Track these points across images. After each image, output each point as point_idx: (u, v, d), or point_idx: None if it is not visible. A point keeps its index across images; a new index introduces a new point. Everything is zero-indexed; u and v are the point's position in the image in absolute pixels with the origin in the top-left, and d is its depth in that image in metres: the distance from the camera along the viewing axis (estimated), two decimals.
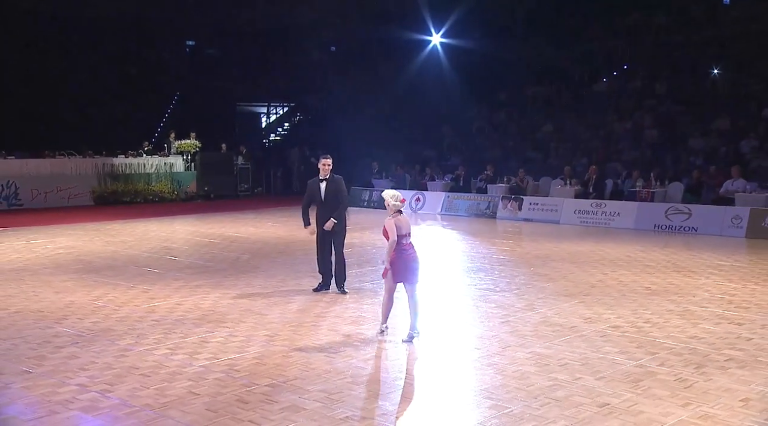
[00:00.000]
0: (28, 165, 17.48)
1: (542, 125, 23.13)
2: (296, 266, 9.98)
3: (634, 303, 7.91)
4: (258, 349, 5.93)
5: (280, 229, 14.24)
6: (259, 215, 16.93)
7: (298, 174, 24.53)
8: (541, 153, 21.52)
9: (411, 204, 18.37)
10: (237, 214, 16.99)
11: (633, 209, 14.72)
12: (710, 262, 10.42)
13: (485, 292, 8.54)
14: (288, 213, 17.54)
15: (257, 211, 17.94)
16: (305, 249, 11.61)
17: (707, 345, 6.28)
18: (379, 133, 25.79)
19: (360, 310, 7.44)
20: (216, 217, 16.54)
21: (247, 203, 19.76)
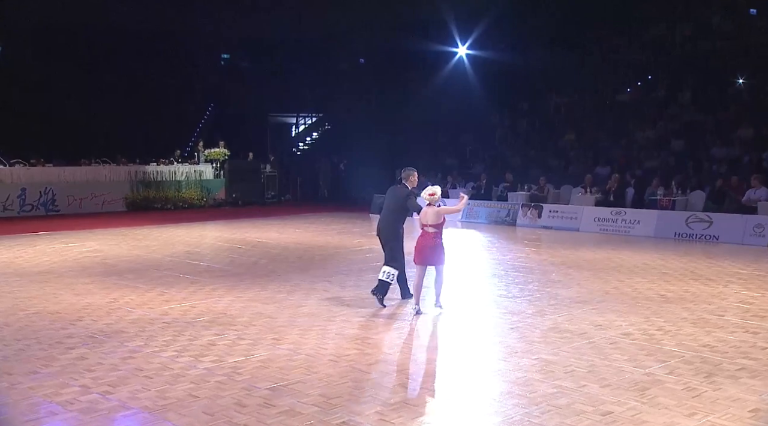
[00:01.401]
0: (65, 172, 17.83)
1: (564, 134, 22.75)
2: (312, 271, 9.90)
3: (647, 310, 7.62)
4: (263, 353, 5.83)
5: (301, 236, 14.21)
6: (284, 222, 16.95)
7: (325, 182, 24.61)
8: (562, 161, 21.15)
9: None
10: (262, 221, 17.04)
11: (653, 217, 14.29)
12: (729, 271, 10.01)
13: (497, 297, 8.32)
14: (311, 220, 17.57)
15: (282, 217, 17.97)
16: (323, 255, 11.58)
17: (720, 354, 5.98)
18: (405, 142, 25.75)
19: (370, 315, 7.30)
20: (241, 223, 16.61)
21: (274, 210, 19.83)
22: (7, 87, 23.15)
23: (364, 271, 9.98)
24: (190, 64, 30.95)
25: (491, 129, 24.95)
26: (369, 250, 12.18)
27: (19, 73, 23.98)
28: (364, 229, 15.65)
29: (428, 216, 7.31)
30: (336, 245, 12.73)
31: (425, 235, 7.28)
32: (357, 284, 8.98)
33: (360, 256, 11.47)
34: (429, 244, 7.21)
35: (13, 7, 22.54)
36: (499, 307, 7.85)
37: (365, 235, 14.39)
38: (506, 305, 7.98)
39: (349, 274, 9.67)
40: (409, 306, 7.61)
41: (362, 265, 10.43)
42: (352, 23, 29.09)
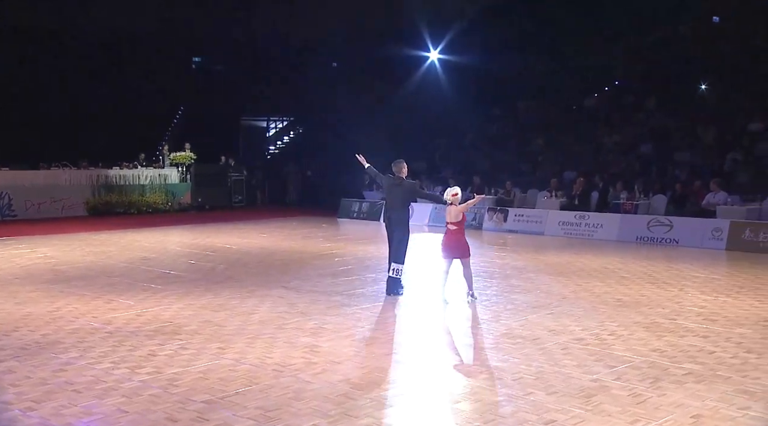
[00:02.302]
0: (22, 176, 17.35)
1: (533, 138, 22.88)
2: (270, 277, 9.71)
3: (602, 315, 7.59)
4: (205, 363, 5.64)
5: (265, 240, 14.00)
6: (249, 226, 16.71)
7: (294, 187, 24.38)
8: (530, 165, 21.25)
9: None
10: (227, 225, 16.78)
11: (616, 221, 14.38)
12: (686, 274, 10.07)
13: (455, 303, 8.22)
14: (278, 224, 17.35)
15: (249, 222, 17.72)
16: (284, 260, 11.39)
17: (668, 358, 5.95)
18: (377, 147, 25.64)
19: (323, 322, 7.15)
20: (206, 227, 16.33)
21: (241, 214, 19.57)
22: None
23: (323, 276, 9.83)
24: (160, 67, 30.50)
25: (462, 133, 24.99)
26: (332, 255, 12.04)
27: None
28: (329, 233, 15.50)
29: (451, 215, 8.09)
30: (299, 250, 12.56)
31: (449, 232, 8.07)
32: (313, 290, 8.82)
33: (322, 261, 11.32)
34: (454, 240, 8.02)
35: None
36: (456, 312, 7.76)
37: (330, 239, 14.24)
38: (463, 311, 7.89)
39: (307, 280, 9.50)
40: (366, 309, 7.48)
41: (323, 271, 10.28)
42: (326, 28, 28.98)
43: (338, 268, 10.51)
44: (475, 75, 26.22)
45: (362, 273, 10.11)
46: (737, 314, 7.54)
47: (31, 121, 22.43)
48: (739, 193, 14.50)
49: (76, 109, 24.31)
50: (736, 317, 7.41)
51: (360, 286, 9.16)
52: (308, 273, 10.08)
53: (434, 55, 27.20)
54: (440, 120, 25.92)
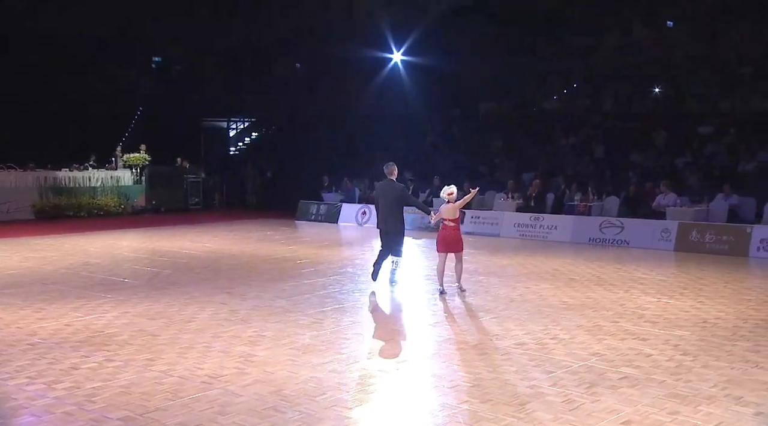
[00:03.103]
0: None
1: (493, 140, 22.98)
2: (215, 282, 9.44)
3: (547, 318, 7.55)
4: (130, 376, 5.38)
5: (217, 244, 13.68)
6: (203, 229, 16.34)
7: (253, 189, 24.01)
8: (489, 167, 21.32)
9: (357, 217, 17.96)
10: (181, 228, 16.37)
11: (569, 223, 14.48)
12: (633, 276, 10.15)
13: (401, 307, 8.11)
14: (233, 227, 17.01)
15: (204, 225, 17.34)
16: (233, 264, 11.12)
17: (606, 362, 5.92)
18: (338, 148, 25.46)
19: (263, 329, 6.93)
20: (158, 230, 15.90)
21: (197, 217, 19.14)
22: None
23: (271, 281, 9.61)
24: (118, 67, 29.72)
25: (423, 135, 24.97)
26: (284, 259, 11.81)
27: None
28: (284, 236, 15.24)
29: (448, 212, 8.54)
30: (250, 254, 12.28)
31: (446, 228, 8.53)
32: (259, 296, 8.59)
33: (272, 265, 11.08)
34: (450, 236, 8.52)
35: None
36: (401, 317, 7.63)
37: (284, 243, 13.99)
38: (408, 316, 7.77)
39: (254, 285, 9.27)
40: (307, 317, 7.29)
41: (271, 275, 10.05)
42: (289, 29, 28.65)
43: (288, 273, 10.30)
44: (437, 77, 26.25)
45: (312, 277, 9.92)
46: (678, 316, 7.59)
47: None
48: (688, 195, 14.77)
49: (27, 109, 23.49)
50: (676, 319, 7.45)
51: (308, 290, 8.96)
52: (256, 278, 9.83)
53: (397, 56, 27.12)
54: (401, 121, 25.87)
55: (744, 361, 5.88)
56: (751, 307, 7.95)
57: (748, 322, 7.26)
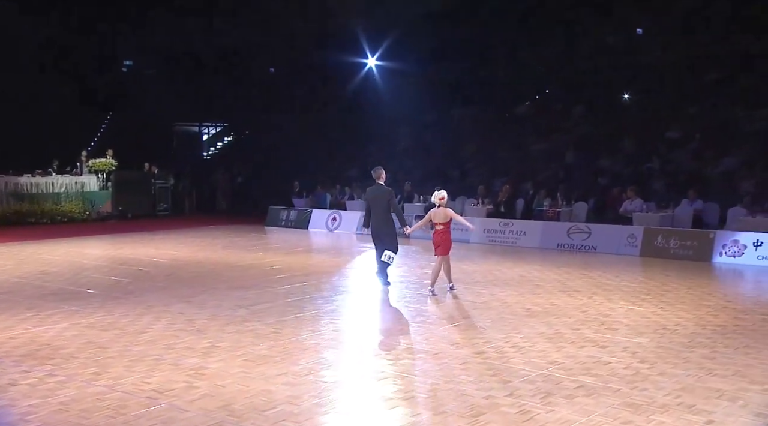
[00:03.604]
0: None
1: (465, 145, 23.03)
2: (174, 291, 9.23)
3: (508, 326, 7.51)
4: (71, 392, 5.18)
5: (181, 251, 13.43)
6: (170, 236, 16.05)
7: (224, 194, 23.73)
8: (461, 172, 21.35)
9: (327, 223, 17.83)
10: (147, 235, 16.06)
11: (538, 228, 14.52)
12: (598, 282, 10.18)
13: (362, 315, 8.00)
14: (201, 233, 16.74)
15: (171, 231, 17.04)
16: (196, 272, 10.90)
17: (564, 371, 5.88)
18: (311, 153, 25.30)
19: (218, 340, 6.77)
20: (123, 237, 15.59)
21: (165, 223, 18.82)
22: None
23: (233, 289, 9.43)
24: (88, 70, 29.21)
25: (396, 140, 24.93)
26: (249, 266, 11.63)
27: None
28: (252, 243, 15.02)
29: (438, 216, 8.94)
30: (215, 261, 12.07)
31: (437, 232, 8.92)
32: (219, 304, 8.41)
33: (237, 272, 10.89)
34: (441, 238, 8.92)
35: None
36: (362, 326, 7.52)
37: (251, 249, 13.79)
38: (369, 324, 7.66)
39: (214, 294, 9.08)
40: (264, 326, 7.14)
41: (234, 283, 9.87)
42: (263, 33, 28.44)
43: (251, 281, 10.12)
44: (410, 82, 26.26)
45: (275, 285, 9.76)
46: (639, 322, 7.60)
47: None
48: (655, 200, 14.90)
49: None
50: (637, 325, 7.46)
51: (270, 299, 8.81)
52: (218, 286, 9.64)
53: (372, 61, 27.08)
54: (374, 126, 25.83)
55: (699, 369, 5.89)
56: (710, 313, 8.01)
57: (706, 328, 7.30)
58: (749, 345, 6.57)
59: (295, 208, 18.90)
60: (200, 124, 31.83)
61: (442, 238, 8.95)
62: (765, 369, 5.82)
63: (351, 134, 26.29)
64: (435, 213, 8.99)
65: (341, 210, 18.10)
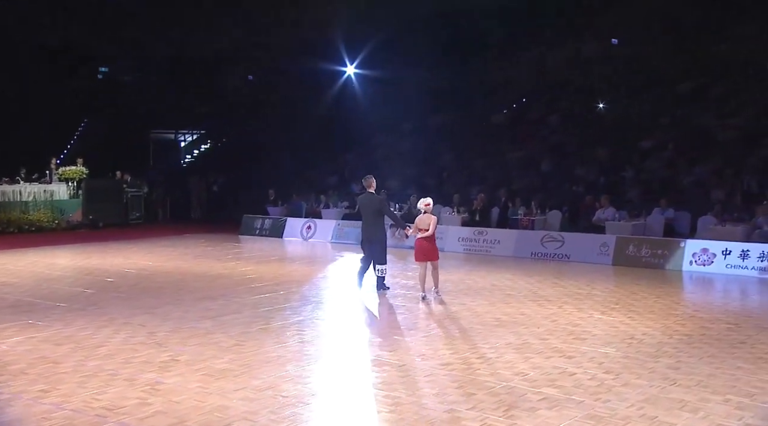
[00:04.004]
0: None
1: (443, 154, 23.06)
2: (139, 302, 9.01)
3: (477, 336, 7.43)
4: (15, 411, 4.97)
5: (152, 260, 13.18)
6: (141, 245, 15.76)
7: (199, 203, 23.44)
8: (437, 180, 21.34)
9: (302, 232, 17.67)
10: (117, 244, 15.76)
11: (513, 237, 14.52)
12: (569, 291, 10.16)
13: (330, 326, 7.87)
14: (174, 242, 16.47)
15: (142, 240, 16.75)
16: (163, 282, 10.68)
17: (528, 382, 5.81)
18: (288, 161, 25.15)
19: (179, 353, 6.59)
20: (92, 247, 15.28)
21: (137, 232, 18.50)
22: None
23: (200, 300, 9.24)
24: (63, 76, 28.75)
25: (372, 148, 24.89)
26: (218, 275, 11.44)
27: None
28: (224, 252, 14.81)
29: (423, 222, 9.13)
30: (184, 271, 11.86)
31: (420, 240, 9.08)
32: (183, 316, 8.23)
33: (205, 283, 10.69)
34: (425, 245, 9.07)
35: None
36: (327, 338, 7.39)
37: (222, 259, 13.58)
38: (336, 336, 7.53)
39: (180, 305, 8.89)
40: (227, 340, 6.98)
41: (201, 294, 9.68)
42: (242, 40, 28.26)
43: (219, 291, 9.94)
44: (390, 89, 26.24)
45: (244, 296, 9.59)
46: (607, 332, 7.57)
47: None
48: (628, 209, 14.99)
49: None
50: (605, 335, 7.44)
51: (236, 309, 8.64)
52: (184, 297, 9.45)
53: (351, 69, 27.03)
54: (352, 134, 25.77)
55: (663, 379, 5.86)
56: (678, 322, 8.02)
57: (672, 337, 7.29)
58: (713, 355, 6.57)
59: (269, 217, 18.71)
60: (176, 131, 31.48)
61: (428, 245, 9.09)
62: (727, 379, 5.81)
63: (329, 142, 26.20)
64: (419, 220, 9.20)
65: (316, 219, 17.95)
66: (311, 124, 27.39)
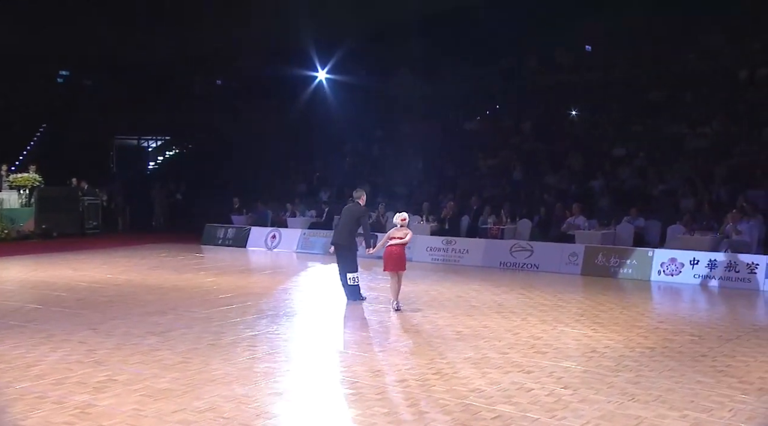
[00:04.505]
0: None
1: (414, 161, 23.01)
2: (83, 317, 8.70)
3: (435, 351, 7.31)
4: None
5: (104, 272, 12.83)
6: (95, 256, 15.37)
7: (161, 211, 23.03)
8: (408, 189, 21.27)
9: (266, 242, 17.43)
10: (70, 255, 15.34)
11: (481, 246, 14.47)
12: (535, 302, 10.12)
13: (276, 340, 7.66)
14: (130, 253, 16.09)
15: (98, 251, 16.34)
16: (112, 296, 10.36)
17: (484, 399, 5.70)
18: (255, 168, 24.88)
19: (117, 372, 6.34)
20: (43, 258, 14.85)
21: (93, 243, 18.05)
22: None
23: (149, 314, 8.97)
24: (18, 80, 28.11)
25: (342, 155, 24.76)
26: (173, 288, 11.15)
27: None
28: (183, 263, 14.49)
29: (398, 231, 9.23)
30: (136, 283, 11.54)
31: (392, 247, 9.12)
32: (128, 331, 7.96)
33: (157, 295, 10.40)
34: (396, 253, 9.11)
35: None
36: (279, 354, 7.19)
37: (181, 271, 13.28)
38: (289, 350, 7.34)
39: (127, 319, 8.62)
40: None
41: (152, 308, 9.40)
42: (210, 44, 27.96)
43: (171, 304, 9.67)
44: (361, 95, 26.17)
45: (197, 309, 9.34)
46: (568, 345, 7.51)
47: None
48: (599, 218, 15.06)
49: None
50: (566, 348, 7.37)
51: (187, 324, 8.40)
52: (133, 311, 9.16)
53: (322, 74, 26.89)
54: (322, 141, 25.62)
55: (622, 394, 5.79)
56: (641, 334, 8.00)
57: (635, 350, 7.26)
58: (674, 368, 6.54)
59: (233, 226, 18.42)
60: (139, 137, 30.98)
61: (398, 253, 9.10)
62: (685, 393, 5.77)
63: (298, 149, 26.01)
64: (395, 230, 9.29)
65: (282, 228, 17.71)
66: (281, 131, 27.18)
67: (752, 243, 12.10)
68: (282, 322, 8.73)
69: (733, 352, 7.13)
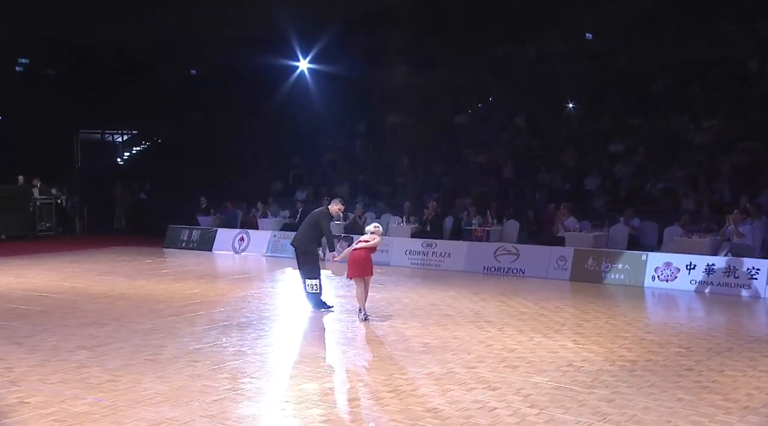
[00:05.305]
0: None
1: (398, 158, 22.76)
2: (8, 331, 8.39)
3: (395, 365, 7.08)
4: None
5: (47, 278, 12.52)
6: (42, 260, 15.04)
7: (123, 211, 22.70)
8: (390, 187, 21.02)
9: (234, 245, 17.15)
10: (14, 260, 15.00)
11: (464, 249, 14.24)
12: (515, 310, 9.90)
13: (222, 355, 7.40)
14: (83, 257, 15.78)
15: (47, 255, 16.02)
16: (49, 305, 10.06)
17: (440, 420, 5.46)
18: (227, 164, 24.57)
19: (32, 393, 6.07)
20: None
21: (44, 246, 17.73)
22: None
23: (86, 325, 8.69)
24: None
25: (321, 151, 24.49)
26: (119, 296, 10.86)
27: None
28: (139, 269, 14.17)
29: (367, 237, 9.16)
30: (80, 291, 11.24)
31: (357, 251, 8.98)
32: (58, 345, 7.69)
33: (99, 305, 10.10)
34: (361, 257, 8.93)
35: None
36: (222, 369, 6.93)
37: (134, 277, 12.98)
38: (234, 366, 7.07)
39: (59, 331, 8.34)
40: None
41: (91, 318, 9.11)
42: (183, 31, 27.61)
43: (113, 314, 9.38)
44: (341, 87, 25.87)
45: (141, 320, 9.07)
46: (543, 358, 7.29)
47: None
48: (593, 219, 14.81)
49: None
50: (540, 362, 7.15)
51: (125, 337, 8.13)
52: (68, 322, 8.88)
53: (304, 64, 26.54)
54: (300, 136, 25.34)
55: (593, 414, 5.57)
56: (625, 346, 7.79)
57: (615, 364, 7.04)
58: (654, 384, 6.33)
59: (198, 228, 18.12)
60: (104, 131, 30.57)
61: (364, 257, 8.93)
62: (662, 412, 5.56)
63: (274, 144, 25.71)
64: (366, 237, 9.19)
65: (251, 230, 17.43)
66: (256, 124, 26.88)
67: (755, 246, 11.91)
68: (233, 334, 8.46)
69: (721, 366, 6.92)
